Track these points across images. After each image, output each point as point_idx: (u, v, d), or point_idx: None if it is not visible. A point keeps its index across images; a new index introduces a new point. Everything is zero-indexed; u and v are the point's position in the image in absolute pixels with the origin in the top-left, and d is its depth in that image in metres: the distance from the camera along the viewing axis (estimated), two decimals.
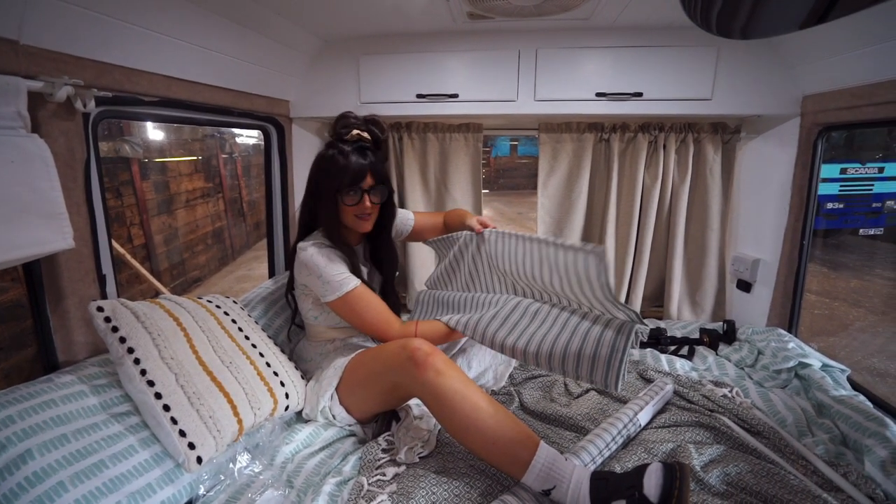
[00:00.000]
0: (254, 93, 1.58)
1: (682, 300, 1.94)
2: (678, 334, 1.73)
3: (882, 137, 6.10)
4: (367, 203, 1.22)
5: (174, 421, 0.88)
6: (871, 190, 5.74)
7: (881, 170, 5.68)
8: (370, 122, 1.27)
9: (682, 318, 1.94)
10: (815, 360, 1.41)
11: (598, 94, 1.63)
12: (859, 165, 5.76)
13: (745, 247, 1.84)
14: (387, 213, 1.33)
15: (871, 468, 1.00)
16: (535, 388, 1.41)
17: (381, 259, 1.40)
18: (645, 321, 1.90)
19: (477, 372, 1.40)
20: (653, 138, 1.80)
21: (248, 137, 6.73)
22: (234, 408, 0.98)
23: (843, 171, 5.74)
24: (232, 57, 1.38)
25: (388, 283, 1.41)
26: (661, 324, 1.82)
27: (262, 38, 1.44)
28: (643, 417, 1.18)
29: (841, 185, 5.73)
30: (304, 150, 1.91)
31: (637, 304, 1.96)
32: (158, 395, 0.89)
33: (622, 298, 1.96)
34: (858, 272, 5.04)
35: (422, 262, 2.07)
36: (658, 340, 1.67)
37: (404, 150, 1.96)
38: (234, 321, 1.22)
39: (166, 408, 0.89)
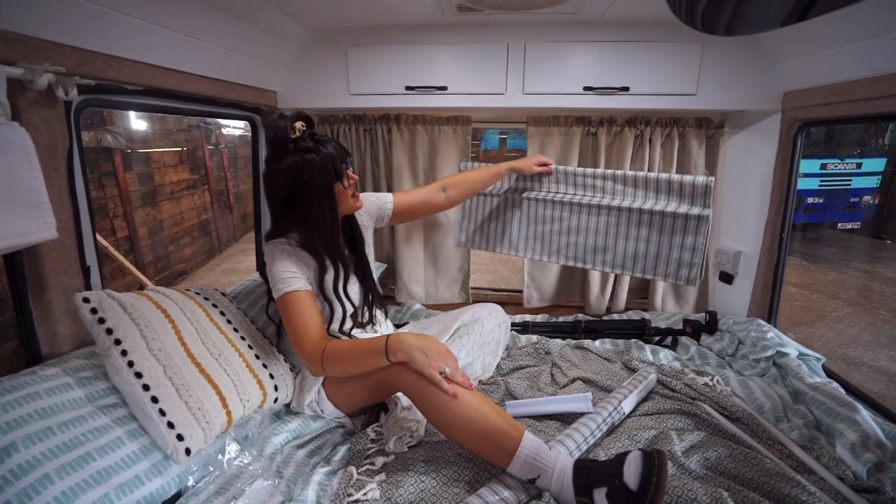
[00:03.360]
0: (241, 83, 1.56)
1: (666, 292, 1.98)
2: (662, 325, 1.77)
3: (859, 134, 6.25)
4: (355, 176, 1.20)
5: (162, 413, 0.88)
6: (849, 185, 5.90)
7: (859, 165, 5.83)
8: (297, 114, 1.14)
9: (667, 310, 1.98)
10: (793, 349, 1.46)
11: (586, 88, 1.64)
12: (838, 161, 5.91)
13: (728, 239, 1.88)
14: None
15: (841, 451, 1.05)
16: (522, 378, 1.43)
17: (353, 240, 1.34)
18: (630, 313, 1.94)
19: (465, 362, 1.41)
20: (639, 132, 1.83)
21: (235, 128, 6.63)
22: (222, 399, 0.98)
23: (823, 166, 5.88)
24: (219, 46, 1.36)
25: (362, 261, 1.34)
26: (646, 315, 1.86)
27: (250, 27, 1.42)
28: (627, 406, 1.21)
29: (821, 181, 5.87)
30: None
31: (623, 297, 1.99)
32: (146, 387, 0.89)
33: (608, 290, 1.99)
34: (836, 265, 5.18)
35: (412, 254, 2.07)
36: (643, 331, 1.70)
37: (393, 143, 1.96)
38: (222, 313, 1.21)
39: (154, 399, 0.88)
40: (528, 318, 1.88)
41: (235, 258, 5.52)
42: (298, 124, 1.10)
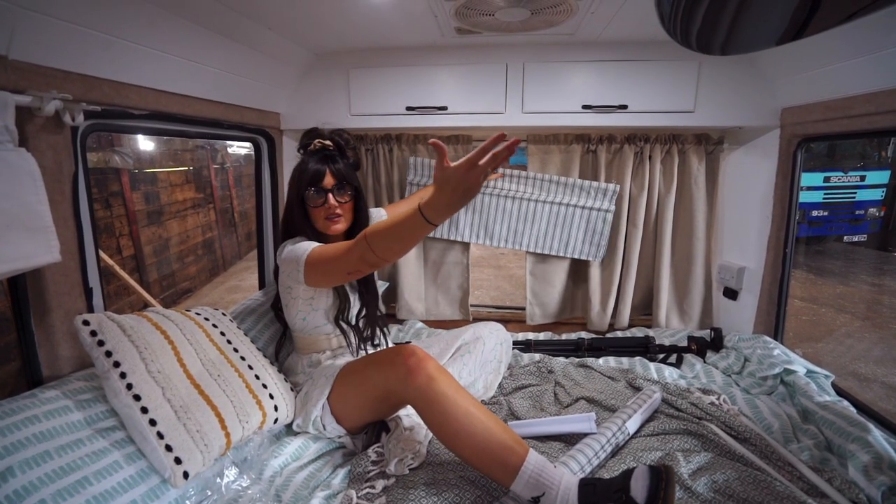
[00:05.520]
0: (245, 105, 1.59)
1: (670, 309, 1.96)
2: (667, 342, 1.75)
3: (862, 147, 6.26)
4: (333, 201, 1.27)
5: (160, 435, 0.88)
6: (853, 197, 5.87)
7: (862, 178, 5.82)
8: (334, 133, 1.38)
9: (671, 327, 1.96)
10: (800, 366, 1.43)
11: (585, 107, 1.66)
12: (842, 174, 5.89)
13: (731, 255, 1.87)
14: (360, 216, 1.36)
15: (854, 473, 1.02)
16: (525, 398, 1.41)
17: None
18: (633, 329, 1.92)
19: (467, 382, 1.40)
20: (638, 149, 1.84)
21: (240, 147, 6.73)
22: (221, 421, 0.98)
23: (827, 179, 5.86)
24: (222, 70, 1.39)
25: (367, 283, 1.37)
26: (650, 332, 1.84)
27: (253, 51, 1.46)
28: (632, 426, 1.19)
29: (825, 194, 5.86)
30: (295, 162, 1.92)
31: (626, 313, 1.98)
32: (145, 410, 0.88)
33: (609, 306, 1.98)
34: (843, 278, 5.12)
35: (411, 270, 2.08)
36: (647, 349, 1.68)
37: (394, 162, 1.98)
38: (222, 333, 1.21)
39: (152, 422, 0.88)
40: (531, 335, 1.87)
41: (240, 276, 5.54)
42: (317, 142, 1.33)
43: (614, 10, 1.31)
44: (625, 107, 1.64)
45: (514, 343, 1.71)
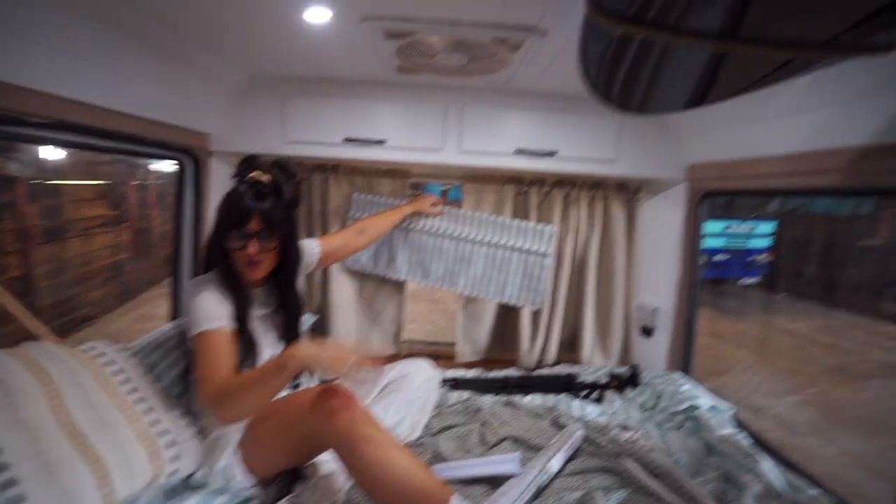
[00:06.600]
0: (169, 123, 1.50)
1: (593, 346, 2.05)
2: (590, 379, 1.81)
3: (756, 199, 7.16)
4: (252, 249, 1.13)
5: (20, 499, 0.74)
6: (747, 244, 6.66)
7: (754, 227, 6.63)
8: (277, 166, 1.23)
9: (595, 363, 2.04)
10: (706, 401, 1.54)
11: (518, 151, 1.74)
12: (739, 222, 6.68)
13: (647, 296, 2.01)
14: (288, 260, 1.26)
15: (750, 503, 1.10)
16: (450, 439, 1.39)
17: (284, 304, 1.30)
18: (560, 367, 1.98)
19: (392, 422, 1.35)
20: (566, 193, 1.95)
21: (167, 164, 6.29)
22: (102, 478, 0.85)
23: (727, 227, 6.61)
24: (147, 85, 1.31)
25: (290, 329, 1.31)
26: (575, 369, 1.91)
27: (185, 68, 1.39)
28: (555, 465, 1.20)
29: (727, 240, 6.59)
30: (224, 186, 1.82)
31: (553, 350, 2.04)
32: (4, 467, 0.75)
33: (538, 343, 2.03)
34: (741, 316, 5.70)
35: (345, 302, 2.01)
36: (571, 386, 1.74)
37: (329, 192, 1.94)
38: (121, 370, 1.09)
39: (11, 483, 0.75)
40: (460, 373, 1.86)
41: (155, 303, 5.05)
42: (253, 174, 1.18)
43: (545, 64, 1.41)
44: (554, 153, 1.75)
45: (443, 380, 1.69)
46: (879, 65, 0.92)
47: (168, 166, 6.37)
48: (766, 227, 6.76)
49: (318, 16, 1.14)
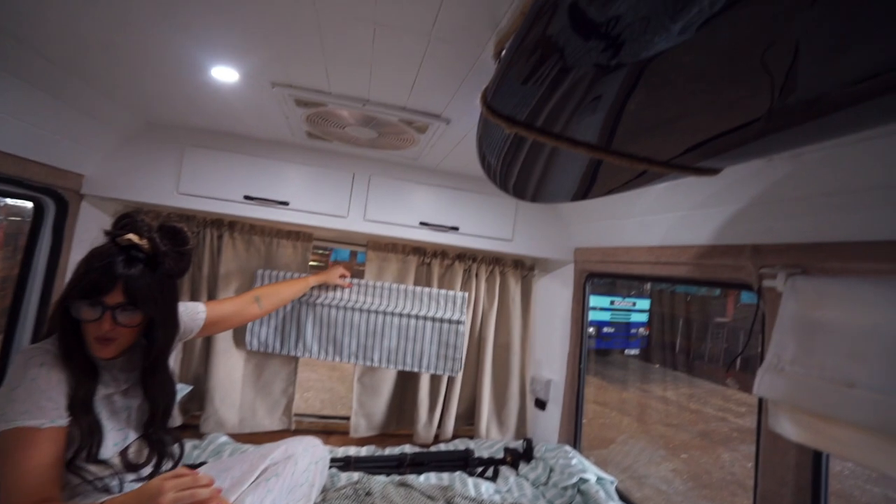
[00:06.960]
0: (32, 158, 1.31)
1: (490, 419, 2.06)
2: (485, 454, 1.79)
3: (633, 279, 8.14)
4: (107, 325, 0.93)
5: None
6: (630, 318, 7.45)
7: (633, 304, 7.47)
8: (163, 230, 1.03)
9: (491, 437, 2.03)
10: (592, 473, 1.60)
11: (422, 223, 1.81)
12: (621, 298, 7.49)
13: (541, 369, 2.11)
14: (155, 341, 1.04)
15: None
16: None
17: (147, 388, 1.08)
18: (456, 441, 1.94)
19: None
20: (467, 267, 2.04)
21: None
22: None
23: (612, 302, 7.36)
24: (10, 115, 1.15)
25: (155, 419, 1.08)
26: (471, 444, 1.88)
27: (63, 105, 1.25)
28: None
29: (612, 314, 7.31)
30: (94, 234, 1.61)
31: (451, 423, 2.00)
32: None
33: (436, 418, 1.99)
34: (625, 385, 6.19)
35: (228, 372, 1.80)
36: (467, 462, 1.70)
37: (223, 250, 1.80)
38: None
39: None
40: (353, 450, 1.73)
41: None
42: (128, 236, 0.97)
43: (449, 147, 1.51)
44: (456, 228, 1.84)
45: (333, 460, 1.55)
46: (709, 182, 1.13)
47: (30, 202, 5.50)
48: (644, 303, 7.67)
49: (225, 75, 1.13)
